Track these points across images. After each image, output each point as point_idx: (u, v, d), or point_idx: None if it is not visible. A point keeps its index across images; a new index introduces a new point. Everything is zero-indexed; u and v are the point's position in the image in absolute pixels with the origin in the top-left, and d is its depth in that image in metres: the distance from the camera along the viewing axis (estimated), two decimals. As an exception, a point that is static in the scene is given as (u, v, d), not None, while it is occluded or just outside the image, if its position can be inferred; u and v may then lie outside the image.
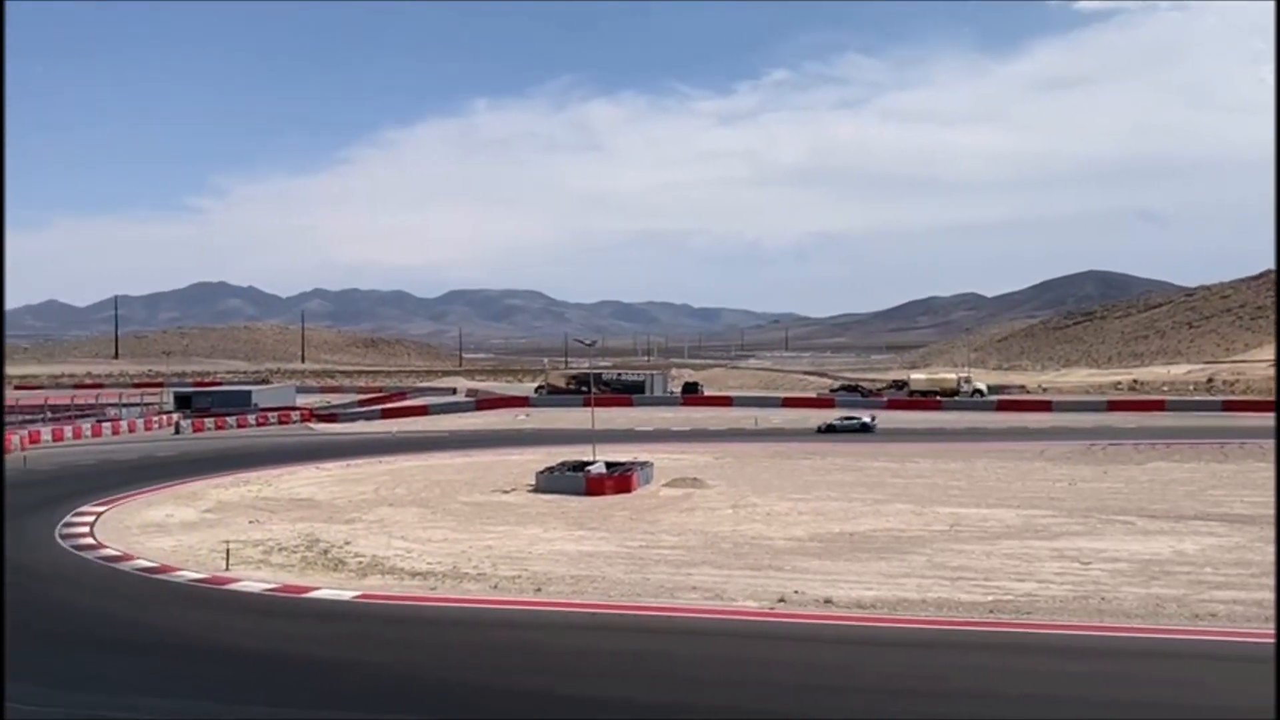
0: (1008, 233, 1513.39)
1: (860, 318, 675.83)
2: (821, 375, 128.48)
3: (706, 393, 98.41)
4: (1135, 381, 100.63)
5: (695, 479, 41.57)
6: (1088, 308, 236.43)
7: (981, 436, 59.60)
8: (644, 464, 42.91)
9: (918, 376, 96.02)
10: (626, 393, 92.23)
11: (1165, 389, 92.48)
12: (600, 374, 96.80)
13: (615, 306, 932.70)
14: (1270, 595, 21.82)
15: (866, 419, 65.36)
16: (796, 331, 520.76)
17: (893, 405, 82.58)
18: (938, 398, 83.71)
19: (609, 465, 41.74)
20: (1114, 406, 76.94)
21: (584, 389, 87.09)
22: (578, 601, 23.18)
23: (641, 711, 16.22)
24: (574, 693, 17.20)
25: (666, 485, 40.63)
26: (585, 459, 43.03)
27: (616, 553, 28.41)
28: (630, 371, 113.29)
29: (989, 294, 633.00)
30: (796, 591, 23.43)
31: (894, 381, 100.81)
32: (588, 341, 57.37)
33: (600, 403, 62.27)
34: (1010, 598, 22.58)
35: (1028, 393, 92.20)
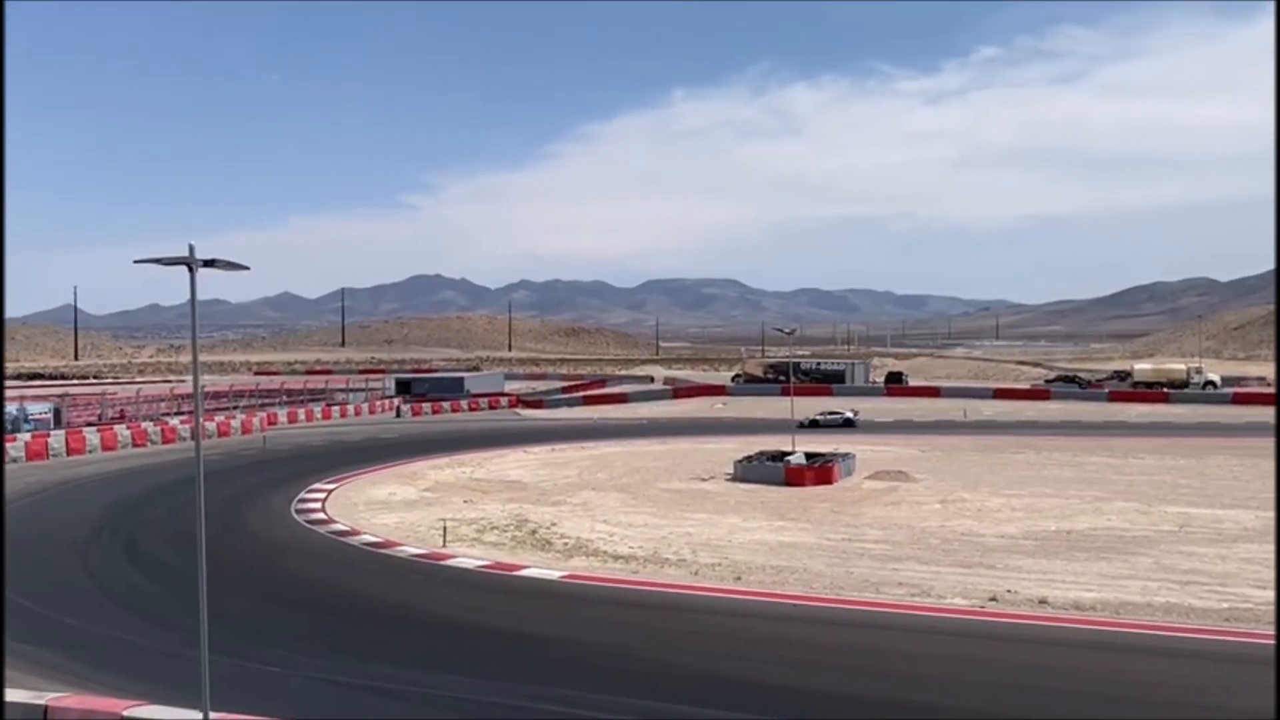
0: (1244, 212, 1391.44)
1: (1078, 304, 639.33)
2: (1035, 365, 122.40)
3: (911, 383, 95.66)
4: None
5: (900, 472, 40.50)
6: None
7: (1214, 432, 55.27)
8: (845, 455, 42.16)
9: (1142, 367, 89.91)
10: (826, 382, 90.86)
11: None
12: (799, 362, 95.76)
13: (814, 294, 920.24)
14: None
15: (849, 414, 62.97)
16: (1008, 319, 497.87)
17: (1115, 397, 77.71)
18: (1164, 390, 78.11)
19: (809, 456, 41.25)
20: (1374, 401, 69.43)
21: (782, 378, 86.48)
22: (778, 592, 23.06)
23: (844, 705, 15.99)
24: (778, 682, 17.13)
25: (870, 478, 39.79)
26: (784, 449, 42.70)
27: (818, 545, 28.08)
28: (830, 360, 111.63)
29: (1222, 278, 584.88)
30: (1009, 590, 22.46)
31: (1116, 372, 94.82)
32: (786, 330, 56.81)
33: (799, 392, 61.63)
34: (1249, 605, 20.84)
35: (1268, 385, 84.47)
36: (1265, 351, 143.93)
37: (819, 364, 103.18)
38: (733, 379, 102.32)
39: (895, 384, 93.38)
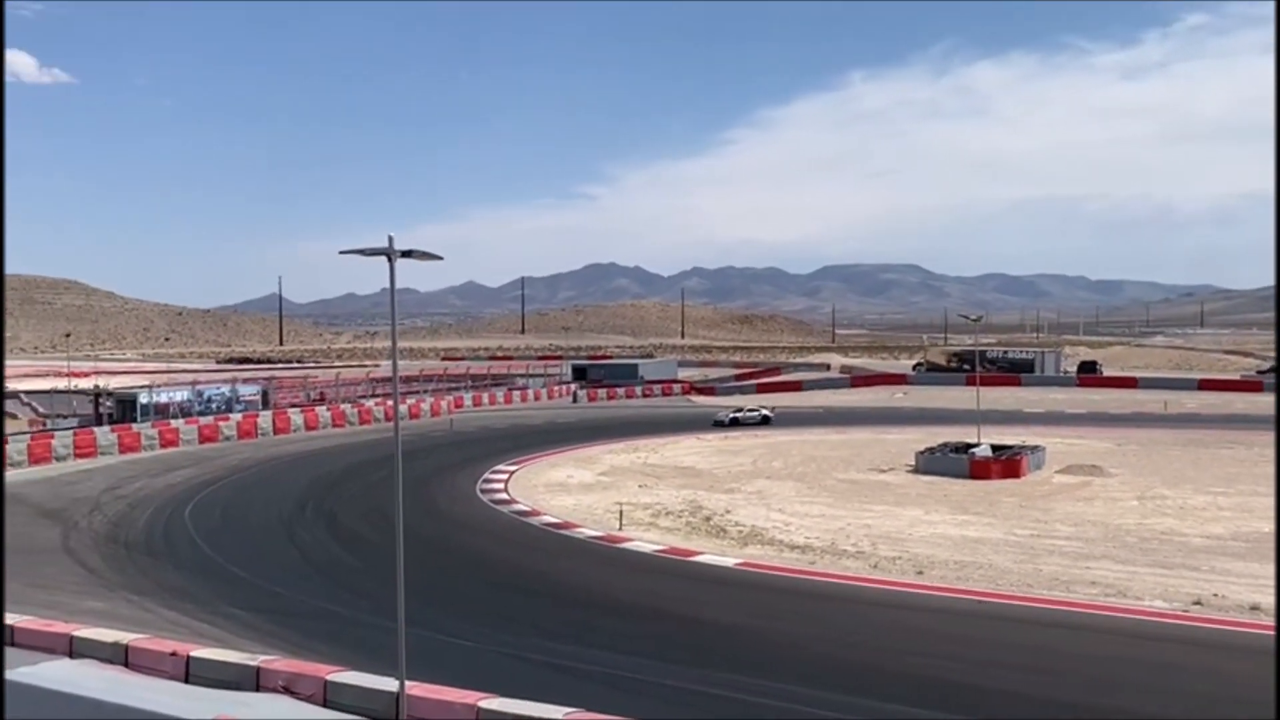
0: None
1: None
2: (1246, 355, 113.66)
3: (1106, 373, 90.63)
4: None
5: (1094, 466, 38.43)
6: None
7: None
8: (1034, 448, 40.34)
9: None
10: (1014, 371, 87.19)
11: None
12: (984, 351, 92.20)
13: (1000, 279, 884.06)
14: None
15: (767, 411, 59.10)
16: (1214, 305, 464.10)
17: (1338, 390, 71.16)
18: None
19: (994, 448, 39.69)
20: None
21: (966, 367, 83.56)
22: (962, 588, 22.33)
23: (1029, 705, 15.35)
24: (960, 680, 16.62)
25: (1060, 471, 37.96)
26: (968, 440, 41.24)
27: (1004, 540, 27.02)
28: (1017, 349, 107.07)
29: None
30: (1216, 594, 20.99)
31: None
32: (972, 317, 54.75)
33: (985, 382, 59.30)
34: None
35: None
36: None
37: (1006, 352, 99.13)
38: (914, 367, 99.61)
39: (1088, 374, 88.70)
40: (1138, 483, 35.43)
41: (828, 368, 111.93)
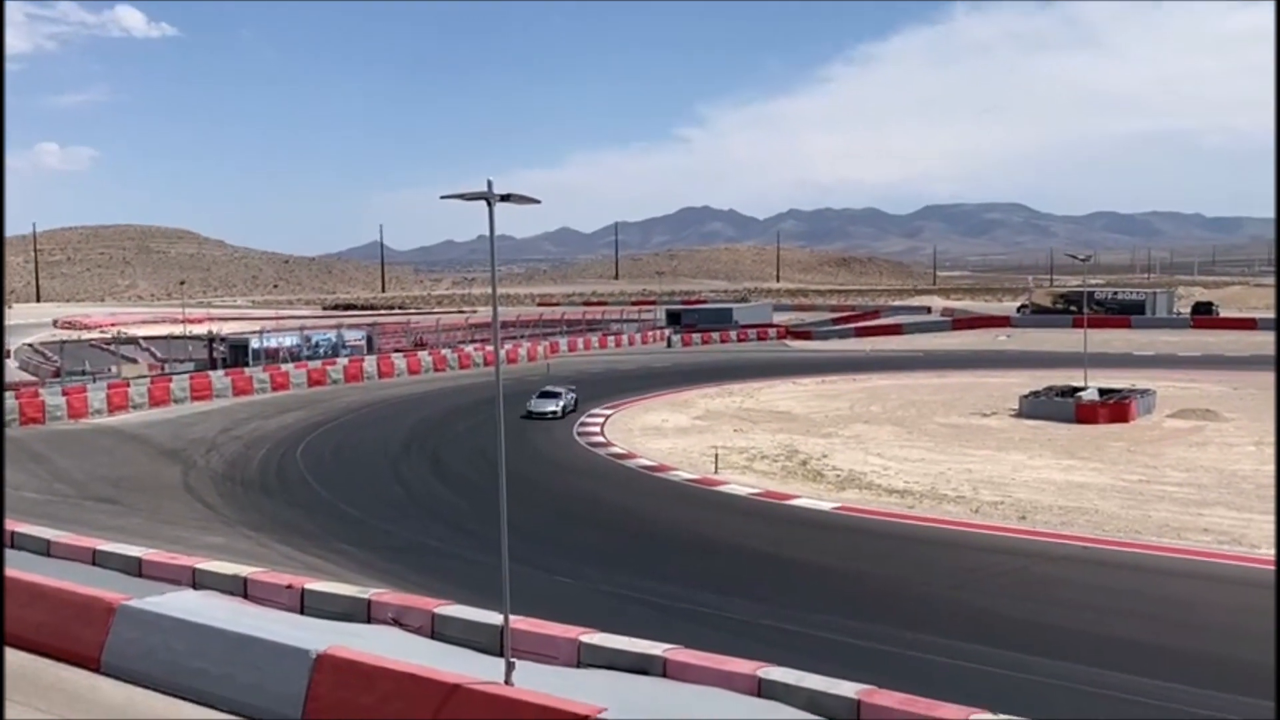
0: None
1: None
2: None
3: (1222, 314, 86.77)
4: None
5: (1208, 410, 37.01)
6: None
7: None
8: (1144, 391, 39.00)
9: None
10: (1123, 313, 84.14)
11: None
12: (1092, 292, 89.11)
13: (1109, 218, 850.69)
14: None
15: (568, 399, 41.49)
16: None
17: None
18: None
19: (1102, 391, 38.49)
20: None
21: (1073, 308, 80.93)
22: (1067, 533, 21.85)
23: (1137, 651, 15.01)
24: (1061, 624, 16.38)
25: (1171, 416, 36.66)
26: (1075, 384, 40.07)
27: (1111, 485, 26.30)
28: (1127, 290, 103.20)
29: None
30: (1339, 543, 20.11)
31: None
32: (1080, 257, 52.83)
33: (1093, 324, 57.25)
34: None
35: None
36: None
37: (1115, 293, 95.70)
38: (1018, 310, 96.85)
39: (1203, 315, 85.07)
40: (1255, 428, 34.02)
41: (928, 310, 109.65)
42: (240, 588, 15.98)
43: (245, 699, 11.42)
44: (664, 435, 36.05)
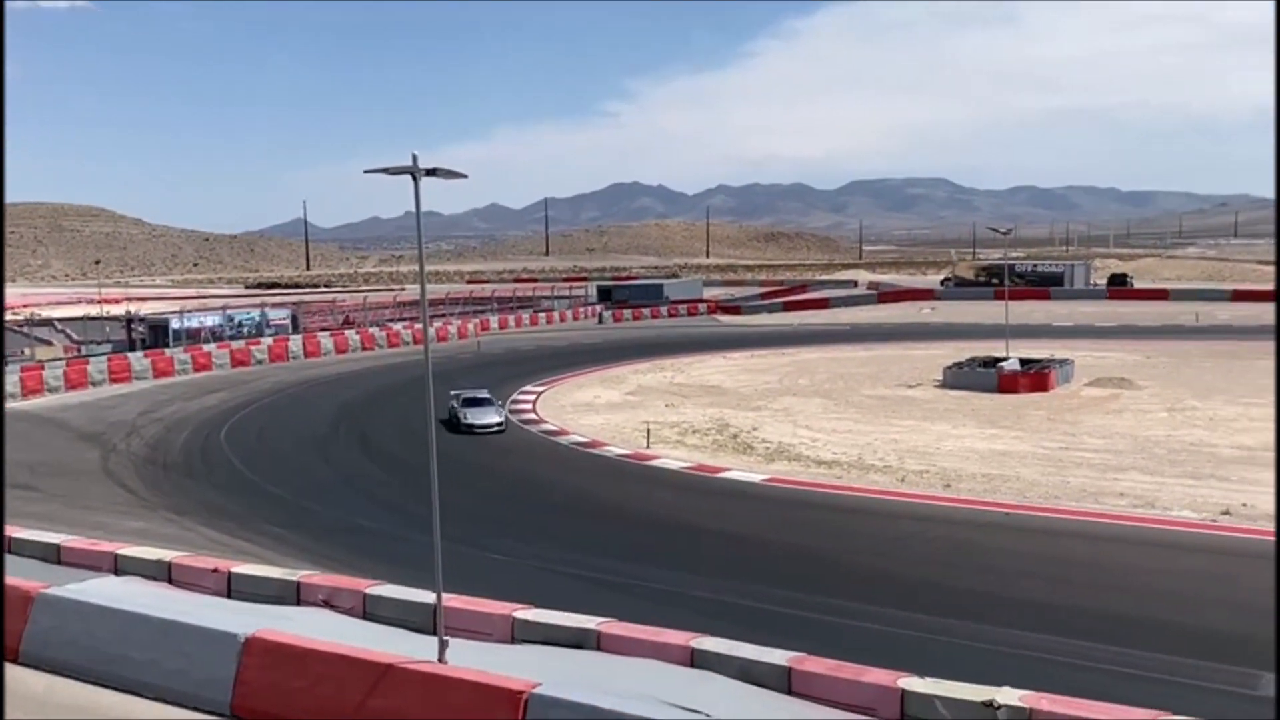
0: None
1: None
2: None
3: (1136, 285, 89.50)
4: None
5: (1123, 379, 38.20)
6: None
7: None
8: (1063, 361, 40.10)
9: None
10: (1043, 285, 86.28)
11: None
12: (1013, 265, 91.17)
13: (1030, 192, 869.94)
14: None
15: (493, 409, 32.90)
16: (1249, 215, 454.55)
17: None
18: None
19: (1023, 362, 39.49)
20: None
21: (995, 281, 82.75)
22: (990, 500, 22.43)
23: (1054, 613, 15.53)
24: (984, 589, 16.85)
25: (1089, 384, 37.77)
26: (997, 355, 41.04)
27: (1032, 453, 27.05)
28: (1047, 262, 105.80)
29: None
30: (1245, 504, 20.97)
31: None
32: (1001, 230, 54.01)
33: (1014, 296, 58.66)
34: None
35: None
36: None
37: (1035, 266, 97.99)
38: (941, 283, 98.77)
39: (1118, 286, 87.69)
40: (1167, 395, 35.24)
41: (855, 284, 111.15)
42: (164, 573, 15.65)
43: (171, 685, 11.21)
44: (596, 411, 36.08)
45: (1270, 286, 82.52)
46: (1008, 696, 9.55)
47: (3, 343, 41.67)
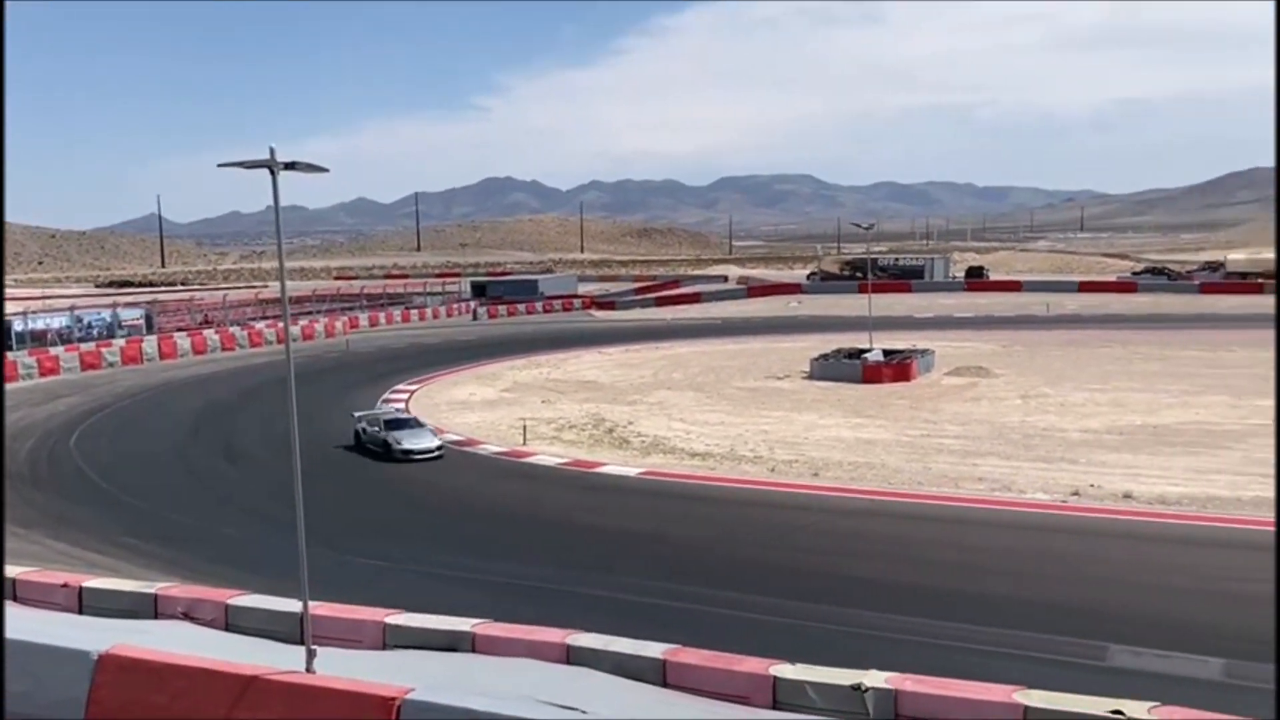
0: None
1: (1169, 193, 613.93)
2: (1122, 257, 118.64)
3: (992, 277, 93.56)
4: None
5: (980, 367, 39.90)
6: None
7: (1314, 323, 53.06)
8: (924, 351, 41.62)
9: (1236, 257, 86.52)
10: (904, 278, 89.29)
11: None
12: (876, 259, 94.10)
13: (892, 188, 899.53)
14: None
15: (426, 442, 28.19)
16: (1094, 210, 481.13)
17: (1207, 289, 75.13)
18: (1260, 281, 75.14)
19: (886, 353, 40.82)
20: None
21: (859, 274, 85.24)
22: (856, 487, 23.13)
23: (919, 595, 16.11)
24: (852, 574, 17.34)
25: (949, 374, 39.30)
26: (861, 346, 42.31)
27: (895, 441, 27.98)
28: (909, 256, 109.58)
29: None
30: (1092, 485, 22.19)
31: (1208, 263, 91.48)
32: (864, 225, 55.66)
33: (877, 289, 60.55)
34: (1347, 501, 20.26)
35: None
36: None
37: (897, 260, 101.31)
38: (808, 277, 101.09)
39: (976, 279, 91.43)
40: (1021, 382, 36.94)
41: (726, 279, 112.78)
42: (9, 590, 14.72)
43: (18, 709, 10.53)
44: (471, 409, 35.65)
45: (1112, 279, 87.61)
46: (874, 679, 9.85)
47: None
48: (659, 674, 10.68)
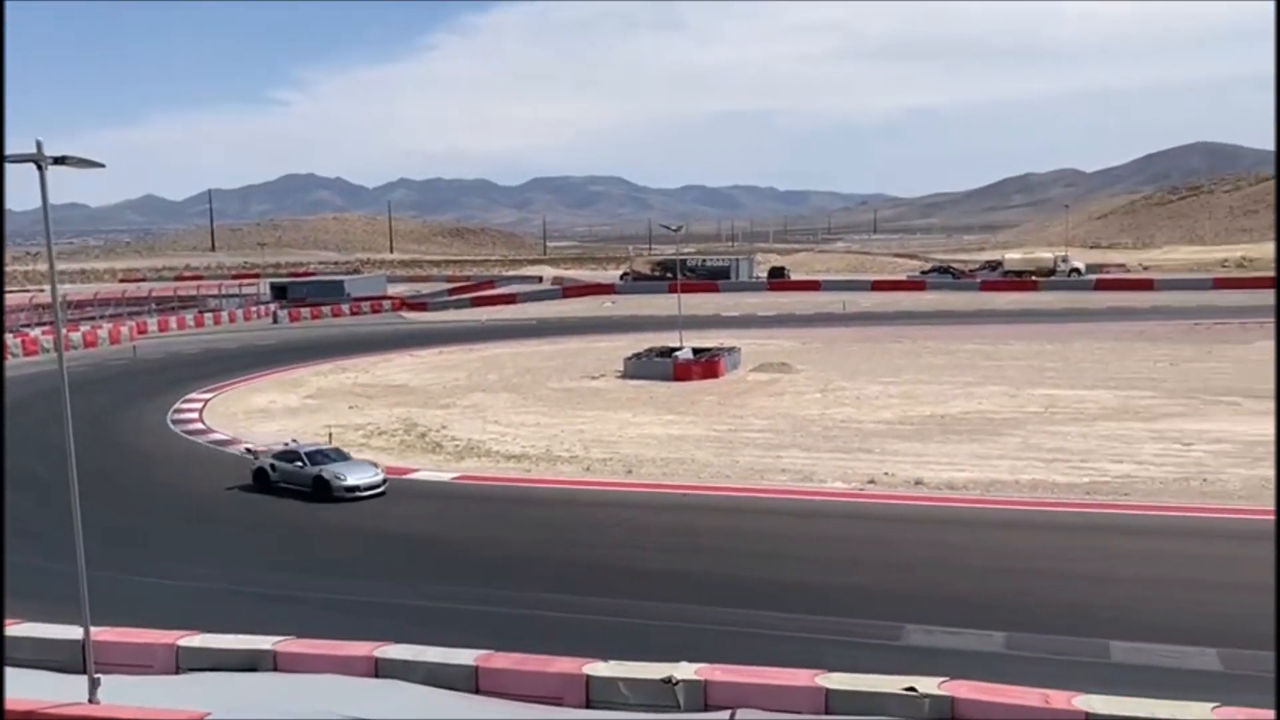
0: (1110, 104, 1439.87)
1: (953, 197, 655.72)
2: (912, 258, 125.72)
3: (793, 277, 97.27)
4: (1244, 258, 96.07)
5: (783, 364, 41.42)
6: (1194, 182, 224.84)
7: (1079, 317, 57.92)
8: (731, 349, 42.85)
9: (1012, 256, 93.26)
10: (712, 278, 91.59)
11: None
12: (685, 260, 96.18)
13: (699, 191, 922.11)
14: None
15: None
16: (886, 213, 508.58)
17: (986, 287, 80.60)
18: (1033, 278, 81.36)
19: (696, 351, 41.79)
20: (1221, 284, 73.77)
21: (669, 275, 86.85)
22: (668, 483, 23.57)
23: (725, 585, 16.60)
24: (663, 567, 17.69)
25: (754, 370, 40.60)
26: (672, 345, 43.11)
27: (705, 436, 28.67)
28: (715, 257, 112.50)
29: (1088, 169, 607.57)
30: (886, 473, 23.42)
31: (987, 262, 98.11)
32: (673, 227, 56.80)
33: (686, 289, 62.00)
34: (1107, 479, 22.24)
35: (1128, 272, 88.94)
36: (1127, 239, 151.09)
37: (705, 261, 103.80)
38: (621, 277, 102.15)
39: (778, 279, 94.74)
40: (820, 377, 38.57)
41: (540, 280, 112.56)
42: None
43: None
44: (272, 417, 34.15)
45: (903, 278, 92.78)
46: (684, 671, 10.05)
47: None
48: (471, 681, 10.55)
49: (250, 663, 11.39)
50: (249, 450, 25.62)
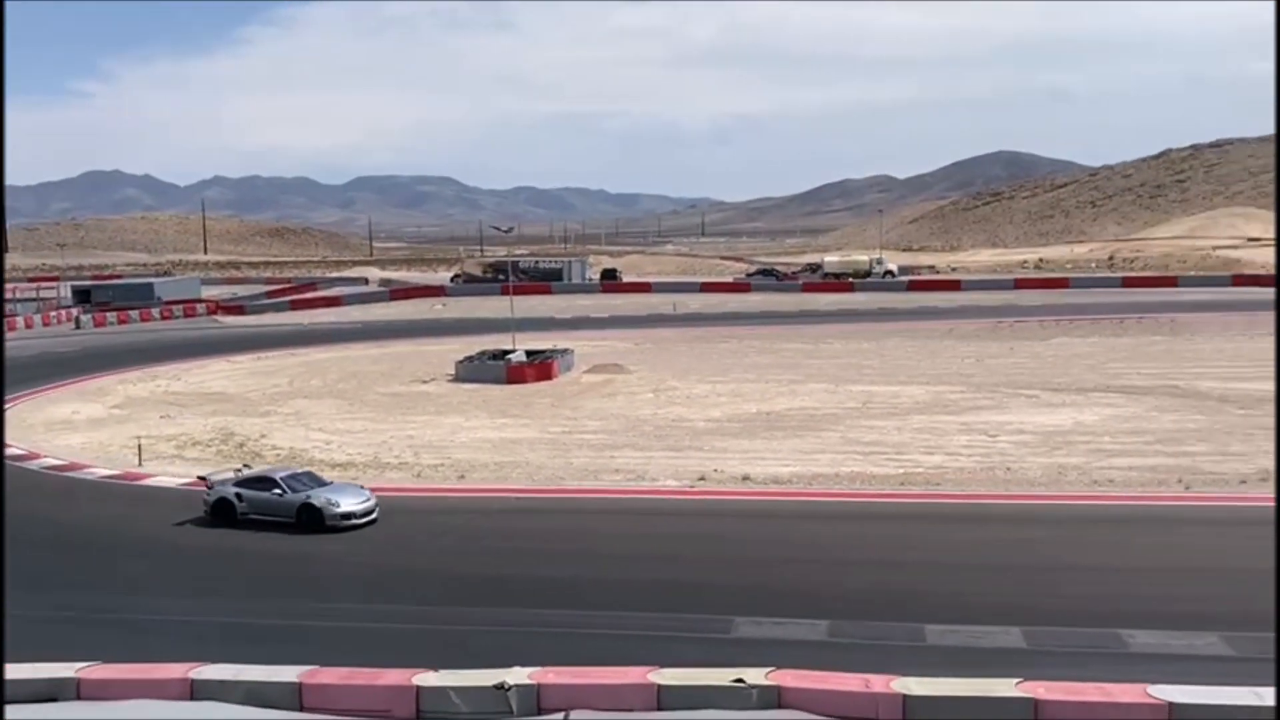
0: (920, 114, 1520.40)
1: (776, 201, 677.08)
2: (738, 260, 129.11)
3: (625, 279, 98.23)
4: (1041, 260, 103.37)
5: (616, 365, 41.75)
6: (996, 188, 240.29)
7: (893, 316, 60.83)
8: (564, 351, 42.88)
9: (831, 259, 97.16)
10: (545, 280, 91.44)
11: (1069, 267, 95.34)
12: (518, 261, 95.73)
13: (530, 193, 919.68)
14: (1163, 460, 23.11)
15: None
16: (713, 216, 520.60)
17: (808, 288, 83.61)
18: (850, 280, 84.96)
19: (529, 353, 41.62)
20: (1021, 285, 79.09)
21: (501, 277, 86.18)
22: (502, 487, 23.38)
23: (553, 586, 16.62)
24: (495, 573, 17.52)
25: (587, 371, 40.76)
26: (505, 347, 42.81)
27: (539, 439, 28.59)
28: (548, 259, 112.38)
29: (900, 175, 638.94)
30: (716, 470, 23.95)
31: (808, 265, 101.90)
32: (504, 229, 56.43)
33: (519, 291, 61.70)
34: (920, 470, 23.44)
35: (938, 273, 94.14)
36: (937, 242, 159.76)
37: (537, 262, 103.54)
38: (451, 279, 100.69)
39: (610, 280, 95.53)
40: (652, 377, 39.10)
41: (366, 281, 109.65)
42: None
43: None
44: (75, 429, 31.96)
45: (729, 280, 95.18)
46: (517, 676, 9.99)
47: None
48: (295, 698, 10.16)
49: (50, 692, 10.61)
50: (202, 479, 22.60)
